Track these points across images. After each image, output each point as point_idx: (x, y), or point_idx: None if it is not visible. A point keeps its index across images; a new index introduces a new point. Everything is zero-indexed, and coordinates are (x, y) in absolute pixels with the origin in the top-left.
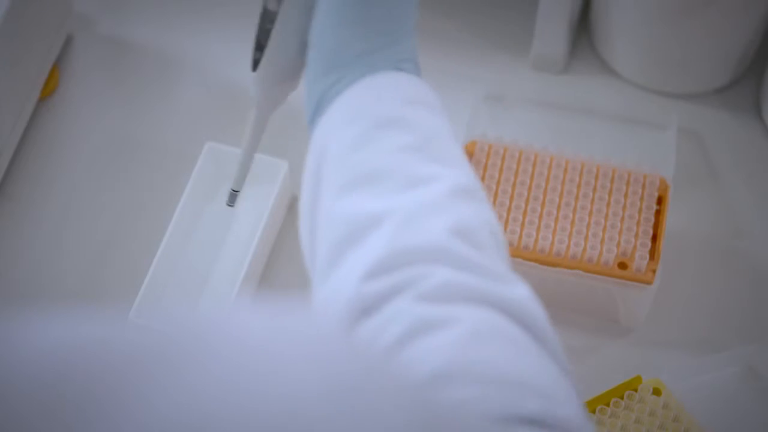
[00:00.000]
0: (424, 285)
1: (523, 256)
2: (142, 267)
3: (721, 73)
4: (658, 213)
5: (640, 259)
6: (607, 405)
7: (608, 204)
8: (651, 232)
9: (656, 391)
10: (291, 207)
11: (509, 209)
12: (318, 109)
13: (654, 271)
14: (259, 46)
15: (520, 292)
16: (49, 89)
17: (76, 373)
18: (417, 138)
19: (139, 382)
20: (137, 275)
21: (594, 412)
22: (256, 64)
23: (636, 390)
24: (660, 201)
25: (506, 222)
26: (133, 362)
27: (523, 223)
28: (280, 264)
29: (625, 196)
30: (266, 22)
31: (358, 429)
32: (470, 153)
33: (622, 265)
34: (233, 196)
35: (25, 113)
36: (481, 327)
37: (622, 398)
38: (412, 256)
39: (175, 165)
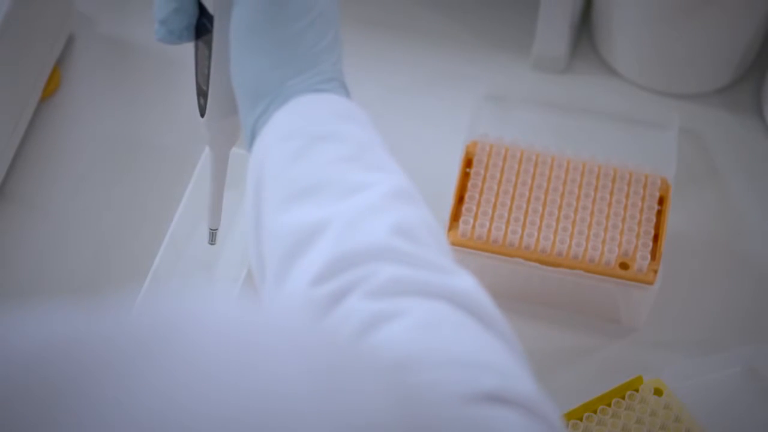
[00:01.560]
0: (372, 282)
1: (525, 256)
2: (143, 268)
3: (722, 73)
4: (660, 213)
5: (641, 260)
6: (609, 405)
7: (609, 204)
8: (652, 232)
9: (657, 392)
10: None
11: (510, 209)
12: (252, 137)
13: (655, 272)
14: (201, 92)
15: (465, 281)
16: (50, 89)
17: (54, 366)
18: (350, 149)
19: (118, 375)
20: (138, 276)
21: (595, 412)
22: (203, 110)
23: (637, 390)
24: (661, 201)
25: (507, 222)
26: (111, 354)
27: (524, 223)
28: None
29: (627, 196)
30: (202, 66)
31: (341, 415)
32: (471, 153)
33: (624, 266)
34: (213, 235)
35: (27, 113)
36: (431, 316)
37: (623, 398)
38: (357, 257)
39: (176, 165)
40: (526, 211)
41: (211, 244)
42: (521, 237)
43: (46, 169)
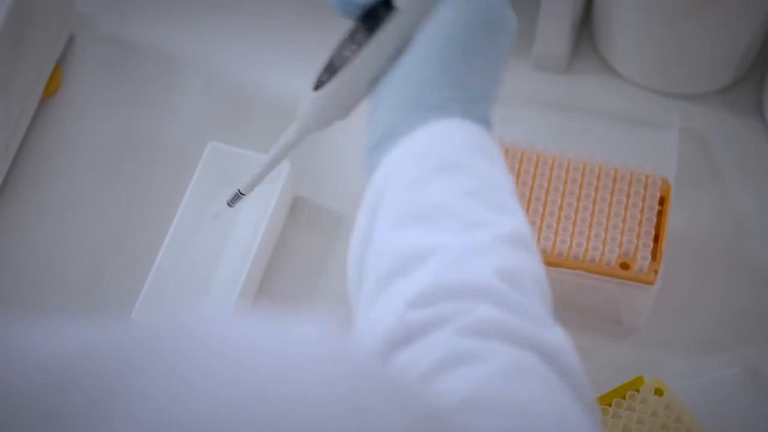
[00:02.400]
0: (465, 319)
1: None
2: (144, 266)
3: (723, 73)
4: (660, 213)
5: (642, 260)
6: (609, 405)
7: (610, 204)
8: (653, 232)
9: (658, 392)
10: (293, 207)
11: None
12: (382, 139)
13: (656, 272)
14: (330, 69)
15: (558, 338)
16: (51, 89)
17: (68, 378)
18: (477, 184)
19: (140, 384)
20: (139, 275)
21: None
22: (319, 86)
23: (638, 390)
24: (662, 201)
25: None
26: (134, 364)
27: None
28: (283, 263)
29: (627, 196)
30: (347, 49)
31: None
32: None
33: (624, 266)
34: (237, 198)
35: (28, 113)
36: (514, 365)
37: (624, 398)
38: (456, 291)
39: (177, 165)
40: (527, 212)
41: (230, 205)
42: None
43: (47, 169)
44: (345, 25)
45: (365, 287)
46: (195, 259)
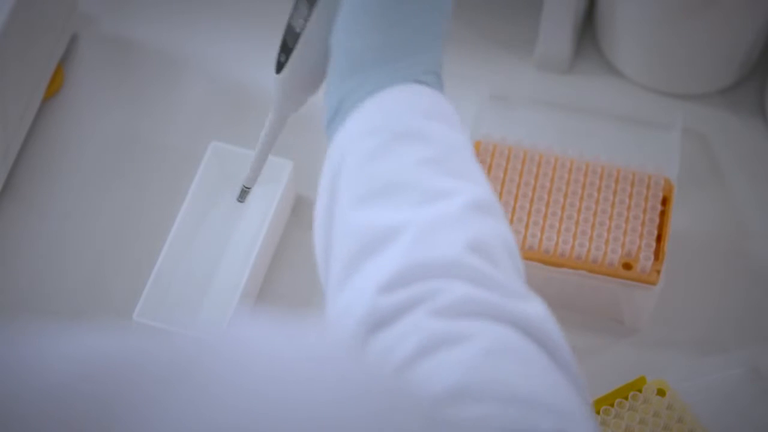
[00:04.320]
0: (440, 300)
1: (528, 256)
2: (146, 266)
3: (725, 73)
4: (663, 213)
5: (644, 260)
6: (612, 406)
7: (612, 204)
8: (655, 232)
9: (660, 392)
10: (296, 206)
11: (514, 210)
12: (337, 113)
13: (659, 272)
14: (285, 49)
15: (536, 309)
16: (53, 89)
17: (98, 385)
18: (436, 151)
19: (160, 394)
20: (142, 274)
21: (598, 412)
22: (280, 67)
23: (640, 391)
24: (664, 201)
25: (510, 222)
26: (154, 375)
27: (527, 224)
28: (286, 262)
29: (630, 196)
30: (295, 25)
31: None
32: (475, 153)
33: (627, 266)
34: (244, 193)
35: (30, 113)
36: (496, 344)
37: (626, 399)
38: (428, 270)
39: (179, 164)
40: (530, 212)
41: (240, 201)
42: (524, 237)
43: (49, 168)
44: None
45: (333, 271)
46: (197, 259)
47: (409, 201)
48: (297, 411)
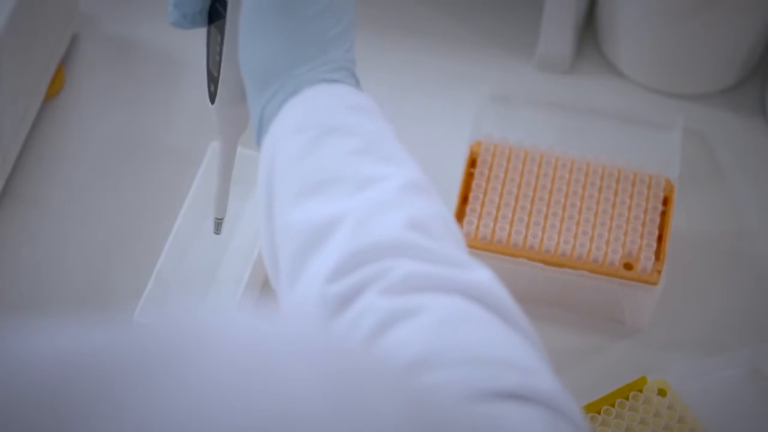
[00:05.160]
0: (388, 279)
1: (529, 256)
2: (147, 266)
3: (726, 73)
4: (664, 214)
5: (645, 260)
6: (612, 406)
7: (613, 204)
8: (656, 232)
9: (661, 392)
10: None
11: (514, 210)
12: (261, 126)
13: (659, 272)
14: (212, 78)
15: (481, 275)
16: (54, 89)
17: (77, 377)
18: (362, 141)
19: (136, 384)
20: (142, 274)
21: (599, 412)
22: (213, 97)
23: (641, 391)
24: (665, 202)
25: (511, 222)
26: (129, 364)
27: (528, 224)
28: None
29: (631, 196)
30: (214, 53)
31: (354, 423)
32: (475, 153)
33: (628, 266)
34: (218, 224)
35: (31, 113)
36: (449, 312)
37: (627, 399)
38: (372, 253)
39: (180, 164)
40: (530, 212)
41: (216, 233)
42: (525, 237)
43: (50, 168)
44: None
45: (282, 270)
46: (198, 258)
47: (343, 192)
48: (268, 389)
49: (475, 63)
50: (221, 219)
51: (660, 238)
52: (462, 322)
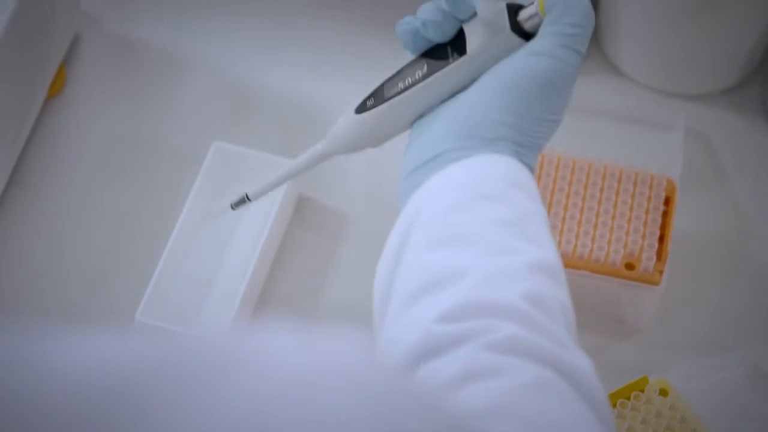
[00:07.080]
0: (491, 336)
1: None
2: (149, 266)
3: (728, 74)
4: (665, 213)
5: (647, 260)
6: (614, 406)
7: (615, 204)
8: (658, 232)
9: (663, 392)
10: (298, 206)
11: None
12: (427, 163)
13: (661, 272)
14: (378, 95)
15: (582, 361)
16: (56, 89)
17: (111, 388)
18: (512, 215)
19: (176, 404)
20: (144, 274)
21: None
22: (362, 109)
23: (643, 391)
24: (667, 201)
25: None
26: (172, 383)
27: None
28: (288, 262)
29: (632, 196)
30: (402, 80)
31: None
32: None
33: (629, 266)
34: (242, 203)
35: (32, 113)
36: (536, 380)
37: (628, 399)
38: (484, 309)
39: (182, 164)
40: None
41: (233, 209)
42: None
43: (52, 169)
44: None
45: (393, 303)
46: (199, 259)
47: (478, 252)
48: (312, 415)
49: None
50: (249, 200)
51: (662, 238)
52: (546, 393)
